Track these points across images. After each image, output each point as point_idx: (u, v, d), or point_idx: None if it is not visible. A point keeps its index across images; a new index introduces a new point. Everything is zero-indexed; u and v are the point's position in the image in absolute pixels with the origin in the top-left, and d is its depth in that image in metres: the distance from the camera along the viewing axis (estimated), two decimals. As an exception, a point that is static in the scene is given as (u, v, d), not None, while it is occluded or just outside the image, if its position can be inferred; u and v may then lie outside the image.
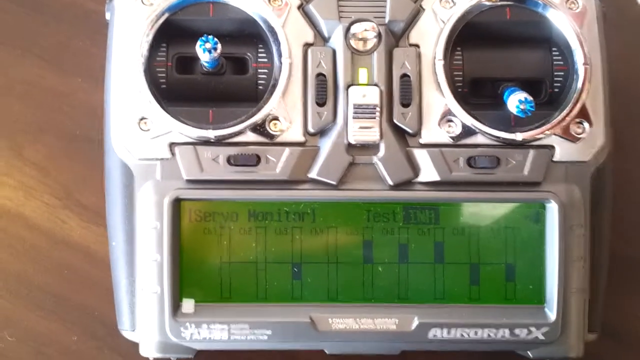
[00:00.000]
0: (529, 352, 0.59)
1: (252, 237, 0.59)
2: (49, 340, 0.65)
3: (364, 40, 0.58)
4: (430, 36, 0.59)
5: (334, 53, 0.58)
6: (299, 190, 0.58)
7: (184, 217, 0.58)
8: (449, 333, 0.58)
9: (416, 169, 0.58)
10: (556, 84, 0.60)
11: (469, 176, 0.58)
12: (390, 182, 0.58)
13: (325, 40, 0.59)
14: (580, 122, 0.59)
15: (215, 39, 0.56)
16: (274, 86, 0.58)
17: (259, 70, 0.59)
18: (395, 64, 0.58)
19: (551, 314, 0.58)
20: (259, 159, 0.58)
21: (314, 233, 0.59)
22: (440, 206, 0.59)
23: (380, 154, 0.58)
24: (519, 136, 0.58)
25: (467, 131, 0.58)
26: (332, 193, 0.58)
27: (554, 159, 0.59)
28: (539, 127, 0.58)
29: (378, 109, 0.58)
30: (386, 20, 0.59)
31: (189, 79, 0.59)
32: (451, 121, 0.59)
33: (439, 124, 0.59)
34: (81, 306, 0.65)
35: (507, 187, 0.58)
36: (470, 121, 0.58)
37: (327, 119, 0.58)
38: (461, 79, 0.60)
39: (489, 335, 0.58)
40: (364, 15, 0.59)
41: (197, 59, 0.58)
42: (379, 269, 0.59)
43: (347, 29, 0.58)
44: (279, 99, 0.58)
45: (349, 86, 0.58)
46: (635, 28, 0.75)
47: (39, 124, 0.69)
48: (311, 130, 0.58)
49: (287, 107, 0.58)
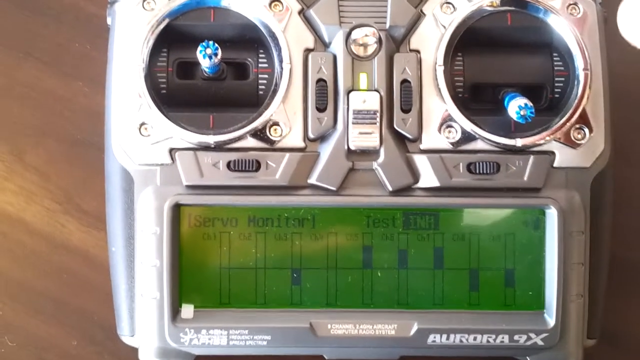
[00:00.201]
0: (528, 358, 0.60)
1: (251, 243, 0.59)
2: (49, 344, 0.65)
3: (365, 45, 0.58)
4: (431, 41, 0.59)
5: (335, 58, 0.58)
6: (298, 196, 0.58)
7: (184, 223, 0.58)
8: (448, 339, 0.58)
9: (416, 174, 0.58)
10: (557, 90, 0.60)
11: (468, 182, 0.58)
12: (390, 188, 0.58)
13: (325, 46, 0.59)
14: (581, 128, 0.59)
15: (216, 45, 0.56)
16: (275, 91, 0.58)
17: (260, 76, 0.59)
18: (396, 69, 0.58)
19: (550, 319, 0.58)
20: (259, 164, 0.58)
21: (313, 238, 0.59)
22: (440, 212, 0.59)
23: (380, 159, 0.58)
24: (519, 142, 0.58)
25: (467, 137, 0.58)
26: (332, 199, 0.58)
27: (554, 165, 0.59)
28: (539, 133, 0.58)
29: (378, 114, 0.58)
30: (387, 25, 0.59)
31: (189, 84, 0.59)
32: (451, 127, 0.59)
33: (439, 130, 0.59)
34: (81, 311, 0.65)
35: (507, 193, 0.58)
36: (470, 127, 0.58)
37: (327, 124, 0.58)
38: (462, 84, 0.60)
39: (488, 341, 0.58)
40: (364, 21, 0.59)
41: (198, 64, 0.58)
42: (379, 274, 0.59)
43: (348, 35, 0.58)
44: (280, 105, 0.58)
45: (349, 91, 0.58)
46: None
47: (39, 128, 0.69)
48: (311, 135, 0.58)
49: (288, 112, 0.58)
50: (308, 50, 0.59)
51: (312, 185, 0.58)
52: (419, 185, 0.58)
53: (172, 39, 0.59)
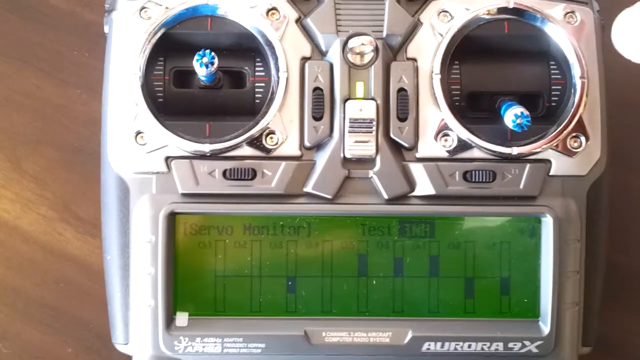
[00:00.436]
0: (522, 366, 0.59)
1: (247, 251, 0.59)
2: (45, 352, 0.65)
3: (362, 54, 0.58)
4: (428, 50, 0.59)
5: (331, 67, 0.58)
6: (294, 205, 0.58)
7: (179, 231, 0.58)
8: (442, 346, 0.58)
9: (412, 183, 0.58)
10: (553, 98, 0.60)
11: (464, 190, 0.58)
12: (386, 196, 0.58)
13: (322, 54, 0.59)
14: (577, 136, 0.59)
15: (212, 54, 0.56)
16: (271, 100, 0.58)
17: (256, 84, 0.59)
18: (393, 78, 0.58)
19: (545, 327, 0.58)
20: (254, 173, 0.58)
21: (309, 246, 0.59)
22: (435, 220, 0.59)
23: (376, 168, 0.58)
24: (515, 150, 0.58)
25: (463, 145, 0.58)
26: (327, 207, 0.58)
27: (551, 173, 0.59)
28: (535, 141, 0.58)
29: (374, 123, 0.58)
30: (384, 34, 0.59)
31: (186, 92, 0.59)
32: (447, 135, 0.59)
33: (436, 138, 0.59)
34: (77, 319, 0.65)
35: (503, 201, 0.58)
36: (466, 135, 0.58)
37: (324, 133, 0.58)
38: (458, 92, 0.60)
39: (482, 349, 0.58)
40: (361, 29, 0.58)
41: (194, 72, 0.58)
42: (374, 282, 0.59)
43: (345, 43, 0.58)
44: (276, 113, 0.58)
45: (345, 100, 0.58)
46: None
47: (37, 135, 0.69)
48: (307, 144, 0.58)
49: (284, 121, 0.58)
50: (305, 59, 0.59)
51: (308, 194, 0.58)
52: (415, 193, 0.58)
53: (169, 48, 0.59)
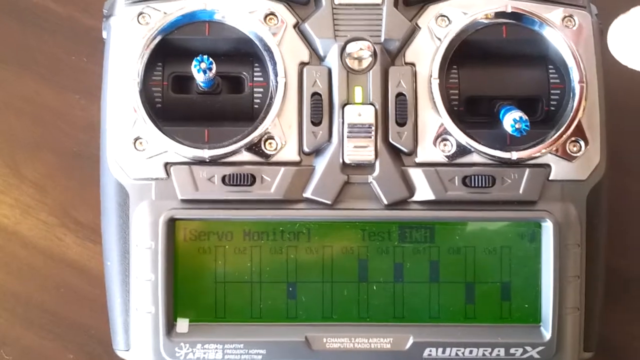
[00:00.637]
0: (524, 371, 0.59)
1: (246, 257, 0.58)
2: (45, 358, 0.65)
3: (360, 59, 0.58)
4: (426, 54, 0.59)
5: (330, 72, 0.58)
6: (294, 210, 0.58)
7: (179, 237, 0.58)
8: (444, 352, 0.58)
9: (411, 188, 0.58)
10: (552, 102, 0.60)
11: (464, 195, 0.58)
12: (386, 202, 0.58)
13: (320, 59, 0.59)
14: (577, 140, 0.59)
15: (210, 59, 0.56)
16: (270, 105, 0.58)
17: (255, 90, 0.59)
18: (391, 82, 0.58)
19: (546, 333, 0.58)
20: (254, 178, 0.58)
21: (309, 252, 0.59)
22: (435, 225, 0.59)
23: (376, 173, 0.58)
24: (515, 155, 0.58)
25: (462, 150, 0.58)
26: (327, 212, 0.58)
27: (550, 178, 0.58)
28: (534, 145, 0.58)
29: (373, 128, 0.58)
30: (382, 39, 0.59)
31: (184, 98, 0.59)
32: (446, 140, 0.58)
33: (435, 143, 0.58)
34: (77, 324, 0.65)
35: (502, 206, 0.58)
36: (465, 140, 0.58)
37: (323, 138, 0.58)
38: (457, 97, 0.60)
39: (484, 354, 0.58)
40: (359, 34, 0.58)
41: (193, 78, 0.58)
42: (374, 288, 0.59)
43: (343, 48, 0.58)
44: (275, 118, 0.58)
45: (344, 105, 0.58)
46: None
47: (36, 140, 0.69)
48: (306, 149, 0.58)
49: (283, 126, 0.58)
50: (303, 64, 0.59)
51: (307, 199, 0.58)
52: (415, 198, 0.58)
53: (167, 53, 0.59)
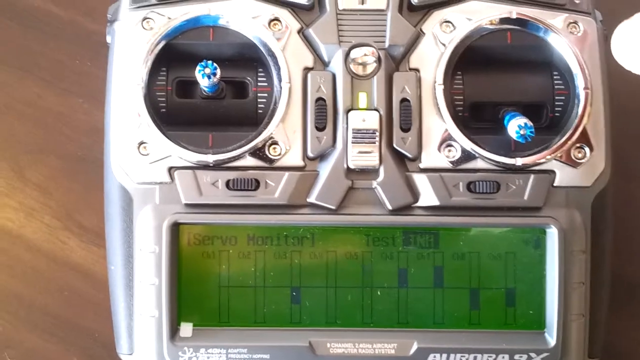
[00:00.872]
0: (528, 378, 0.59)
1: (250, 261, 0.58)
2: (49, 361, 0.65)
3: (364, 64, 0.58)
4: (431, 60, 0.59)
5: (334, 77, 0.58)
6: (298, 215, 0.58)
7: (183, 241, 0.58)
8: (448, 358, 0.58)
9: (416, 193, 0.58)
10: (557, 109, 0.60)
11: (468, 201, 0.58)
12: (390, 207, 0.58)
13: (325, 65, 0.59)
14: (581, 147, 0.59)
15: (215, 65, 0.56)
16: (274, 110, 0.58)
17: (259, 95, 0.59)
18: (395, 88, 0.58)
19: (551, 339, 0.58)
20: (258, 183, 0.58)
21: (313, 257, 0.59)
22: (439, 230, 0.59)
23: (380, 178, 0.58)
24: (519, 161, 0.58)
25: (466, 156, 0.58)
26: (331, 217, 0.58)
27: (555, 184, 0.58)
28: (539, 152, 0.58)
29: (377, 133, 0.58)
30: (386, 44, 0.59)
31: (188, 103, 0.59)
32: (451, 146, 0.58)
33: (439, 149, 0.58)
34: (81, 328, 0.66)
35: (507, 212, 0.58)
36: (470, 146, 0.58)
37: (327, 143, 0.58)
38: (461, 103, 0.60)
39: (488, 361, 0.58)
40: (363, 40, 0.59)
41: (197, 83, 0.58)
42: (378, 293, 0.59)
43: (347, 54, 0.58)
44: (279, 123, 0.58)
45: (348, 111, 0.58)
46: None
47: (39, 144, 0.69)
48: (310, 154, 0.58)
49: (287, 131, 0.58)
50: (307, 69, 0.59)
51: (311, 204, 0.58)
52: (419, 204, 0.58)
53: (171, 58, 0.59)
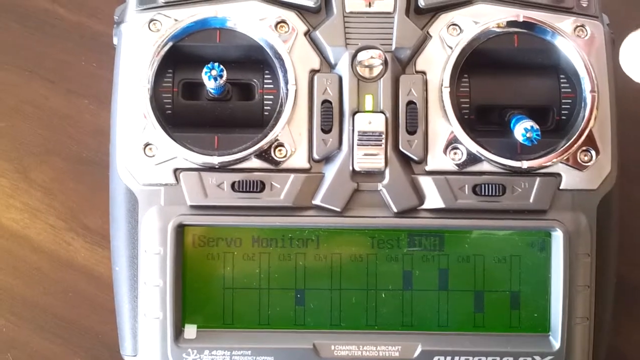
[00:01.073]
0: (532, 382, 0.59)
1: (255, 263, 0.58)
2: (53, 362, 0.65)
3: (370, 67, 0.58)
4: (437, 63, 0.59)
5: (340, 80, 0.58)
6: (303, 217, 0.58)
7: (187, 243, 0.58)
8: (452, 361, 0.58)
9: (421, 196, 0.58)
10: (563, 112, 0.60)
11: (474, 204, 0.58)
12: (395, 209, 0.58)
13: (331, 67, 0.59)
14: (588, 150, 0.59)
15: (221, 67, 0.56)
16: (280, 112, 0.58)
17: (265, 97, 0.59)
18: (402, 91, 0.58)
19: (556, 342, 0.58)
20: (263, 185, 0.57)
21: (317, 259, 0.59)
22: (445, 233, 0.59)
23: (385, 181, 0.58)
24: (525, 164, 0.58)
25: (472, 158, 0.58)
26: (336, 220, 0.58)
27: (561, 187, 0.58)
28: (545, 155, 0.58)
29: (383, 136, 0.58)
30: (393, 47, 0.59)
31: (194, 104, 0.59)
32: (457, 148, 0.58)
33: (445, 151, 0.58)
34: (85, 329, 0.66)
35: (512, 215, 0.58)
36: (475, 148, 0.58)
37: (333, 145, 0.58)
38: (468, 105, 0.60)
39: (492, 364, 0.58)
40: (370, 42, 0.58)
41: (203, 84, 0.58)
42: (383, 295, 0.59)
43: (354, 56, 0.58)
44: (285, 126, 0.58)
45: (354, 113, 0.58)
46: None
47: (45, 145, 0.69)
48: (316, 157, 0.58)
49: (293, 133, 0.58)
50: (314, 72, 0.58)
51: (316, 206, 0.58)
52: (424, 206, 0.58)
53: (177, 60, 0.59)
